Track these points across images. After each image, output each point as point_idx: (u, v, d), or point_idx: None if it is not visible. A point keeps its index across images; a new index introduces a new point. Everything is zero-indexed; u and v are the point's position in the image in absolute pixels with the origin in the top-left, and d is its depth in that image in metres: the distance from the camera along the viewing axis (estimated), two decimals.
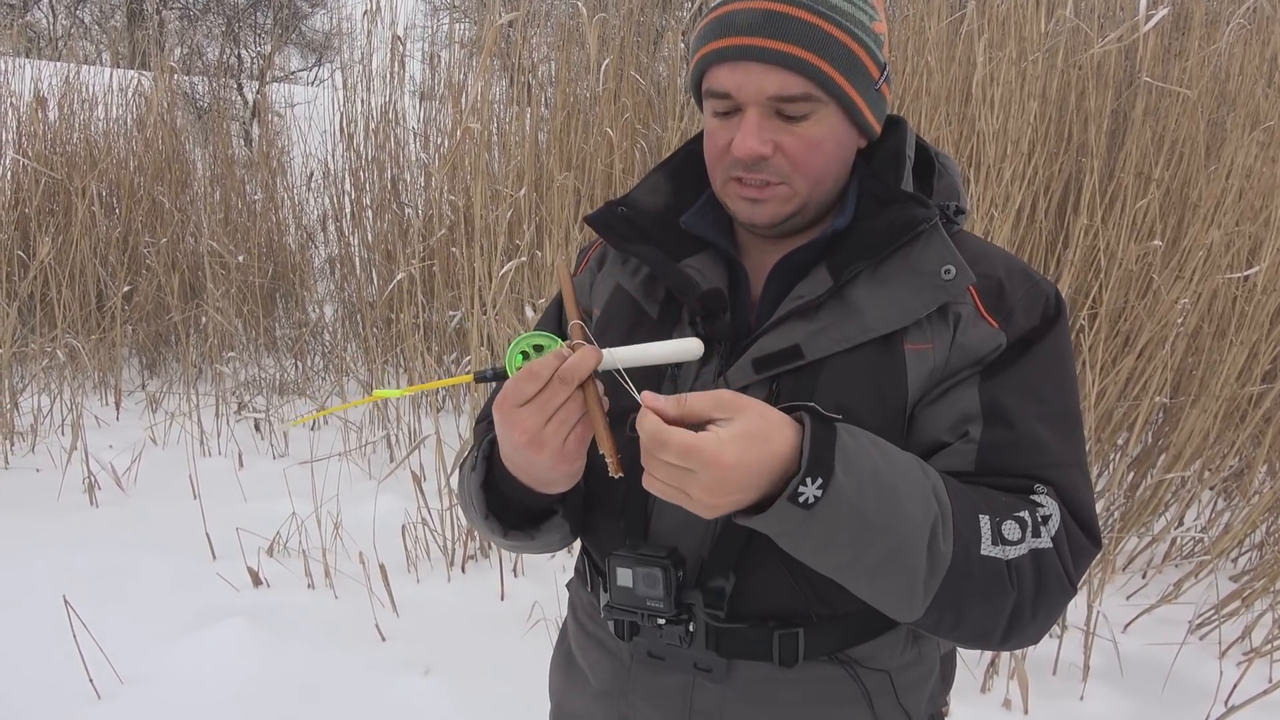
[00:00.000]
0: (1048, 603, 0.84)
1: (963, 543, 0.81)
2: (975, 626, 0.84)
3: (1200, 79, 3.46)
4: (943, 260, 0.90)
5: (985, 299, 0.92)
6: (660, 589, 0.92)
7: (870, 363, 0.90)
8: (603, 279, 1.07)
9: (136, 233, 5.15)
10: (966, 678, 2.58)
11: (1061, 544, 0.85)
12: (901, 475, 0.80)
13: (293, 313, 5.62)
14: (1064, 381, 0.93)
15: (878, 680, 0.96)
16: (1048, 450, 0.88)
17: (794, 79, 0.88)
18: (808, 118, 0.90)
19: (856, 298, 0.92)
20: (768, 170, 0.91)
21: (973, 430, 0.89)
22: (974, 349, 0.91)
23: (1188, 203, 3.48)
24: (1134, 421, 3.13)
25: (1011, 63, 3.19)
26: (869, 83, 0.92)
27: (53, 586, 2.63)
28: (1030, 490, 0.87)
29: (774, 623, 0.94)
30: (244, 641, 2.69)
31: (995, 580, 0.82)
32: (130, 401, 4.82)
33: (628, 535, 0.97)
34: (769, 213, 0.94)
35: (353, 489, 3.62)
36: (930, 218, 0.92)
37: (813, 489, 0.76)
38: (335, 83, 5.66)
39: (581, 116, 4.19)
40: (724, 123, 0.93)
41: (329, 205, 5.72)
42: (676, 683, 0.98)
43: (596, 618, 1.05)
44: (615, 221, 1.02)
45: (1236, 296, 3.14)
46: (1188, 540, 3.25)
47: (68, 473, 3.78)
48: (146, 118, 5.64)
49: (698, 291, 0.96)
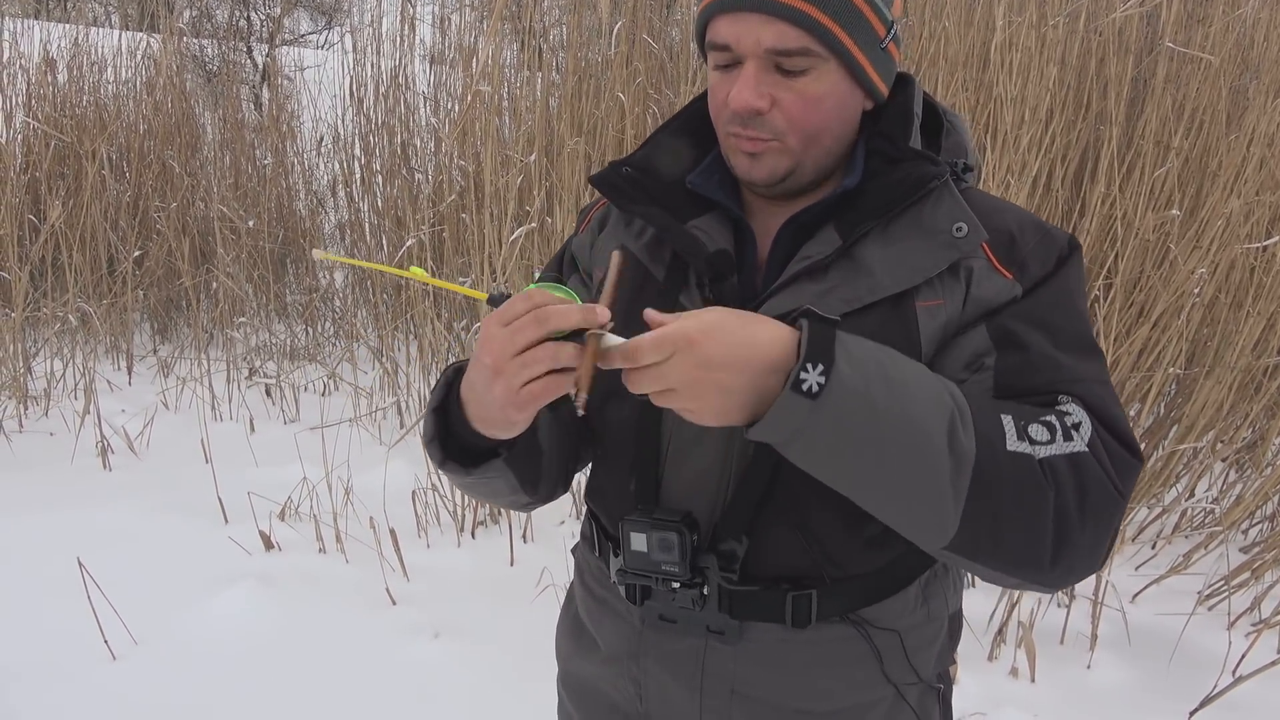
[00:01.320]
0: (1095, 511, 0.80)
1: (986, 438, 0.78)
2: (1019, 538, 0.79)
3: (1224, 45, 3.39)
4: (954, 218, 0.89)
5: (997, 252, 0.91)
6: (675, 553, 0.92)
7: (881, 322, 0.89)
8: (605, 240, 1.05)
9: (147, 197, 5.14)
10: (974, 646, 2.59)
11: (1099, 451, 0.82)
12: (910, 371, 0.79)
13: (303, 278, 5.62)
14: (1073, 311, 0.90)
15: (888, 640, 0.96)
16: (1066, 367, 0.86)
17: (792, 31, 0.86)
18: (807, 73, 0.88)
19: (866, 257, 0.90)
20: (763, 127, 0.90)
21: (988, 360, 0.87)
22: (989, 301, 0.89)
23: (1207, 171, 3.43)
24: (1147, 392, 3.11)
25: (1031, 27, 3.14)
26: (874, 40, 0.90)
27: (67, 549, 2.65)
28: (1055, 403, 0.84)
29: (787, 585, 0.93)
30: (256, 604, 2.71)
31: (1028, 477, 0.78)
32: (142, 366, 4.83)
33: (639, 499, 0.96)
34: (765, 168, 0.92)
35: (363, 454, 3.63)
36: (940, 175, 0.90)
37: (815, 375, 0.73)
38: (345, 46, 5.63)
39: (593, 81, 4.14)
40: (724, 76, 0.91)
41: (339, 170, 5.70)
42: (689, 646, 0.98)
43: (605, 582, 1.05)
44: (620, 182, 1.00)
45: (1254, 267, 3.11)
46: (1199, 511, 3.24)
47: (81, 436, 3.80)
48: (156, 81, 5.61)
49: (705, 253, 0.94)
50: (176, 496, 3.36)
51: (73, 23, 5.83)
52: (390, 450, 3.58)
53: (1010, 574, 0.82)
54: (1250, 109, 3.29)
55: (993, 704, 2.40)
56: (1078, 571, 0.83)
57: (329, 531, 3.07)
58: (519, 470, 0.96)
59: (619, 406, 0.98)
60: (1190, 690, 2.41)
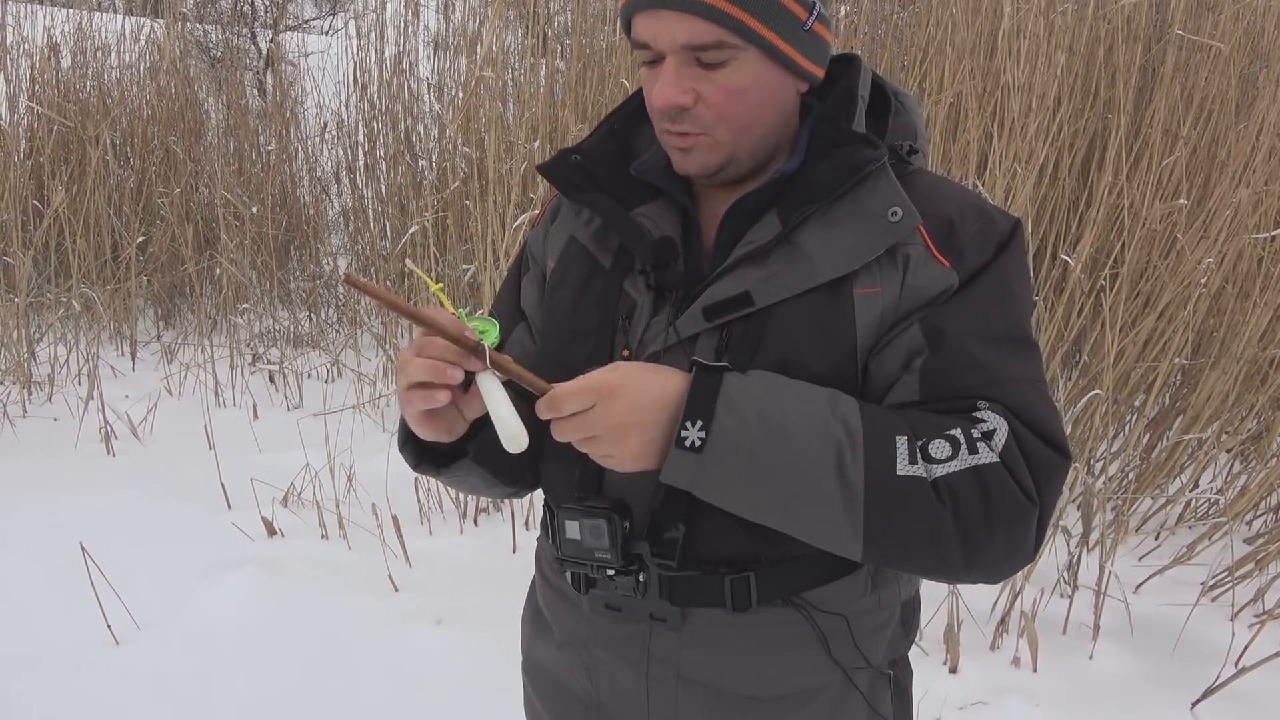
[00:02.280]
0: (1003, 520, 0.82)
1: (874, 466, 0.81)
2: (926, 553, 0.82)
3: (1233, 33, 3.37)
4: (889, 202, 0.89)
5: (936, 239, 0.90)
6: (605, 540, 0.93)
7: (818, 308, 0.90)
8: (556, 230, 1.07)
9: (150, 183, 5.13)
10: (976, 635, 2.59)
11: (1013, 458, 0.83)
12: (795, 411, 0.82)
13: (306, 265, 5.61)
14: (1009, 303, 0.90)
15: (834, 624, 0.96)
16: (990, 368, 0.86)
17: (704, 25, 0.86)
18: (726, 65, 0.88)
19: (805, 242, 0.91)
20: (690, 120, 0.90)
21: (916, 362, 0.88)
22: (925, 289, 0.89)
23: (1215, 161, 3.40)
24: (1152, 383, 3.10)
25: (1039, 14, 3.11)
26: (794, 24, 0.89)
27: (70, 534, 2.66)
28: (972, 409, 0.85)
29: (725, 569, 0.94)
30: (259, 590, 2.72)
31: (919, 499, 0.81)
32: (145, 352, 4.84)
33: (580, 487, 0.98)
34: (697, 162, 0.93)
35: (366, 441, 3.63)
36: (878, 159, 0.90)
37: (695, 431, 0.80)
38: (349, 32, 5.60)
39: (598, 68, 4.12)
40: (651, 71, 0.92)
41: (342, 157, 5.68)
42: (634, 632, 0.99)
43: (557, 570, 1.06)
44: (567, 170, 1.01)
45: (1262, 257, 3.09)
46: (1203, 502, 3.23)
47: (84, 422, 3.81)
48: (159, 65, 5.60)
49: (648, 240, 0.95)
50: (180, 482, 3.36)
51: (76, 7, 5.81)
52: (393, 437, 3.57)
53: (929, 578, 0.88)
54: (1260, 98, 3.26)
55: (995, 693, 2.40)
56: (1001, 572, 0.85)
57: (331, 518, 3.07)
58: (489, 466, 1.01)
59: None
60: (1193, 681, 2.41)
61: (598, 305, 0.92)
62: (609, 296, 0.96)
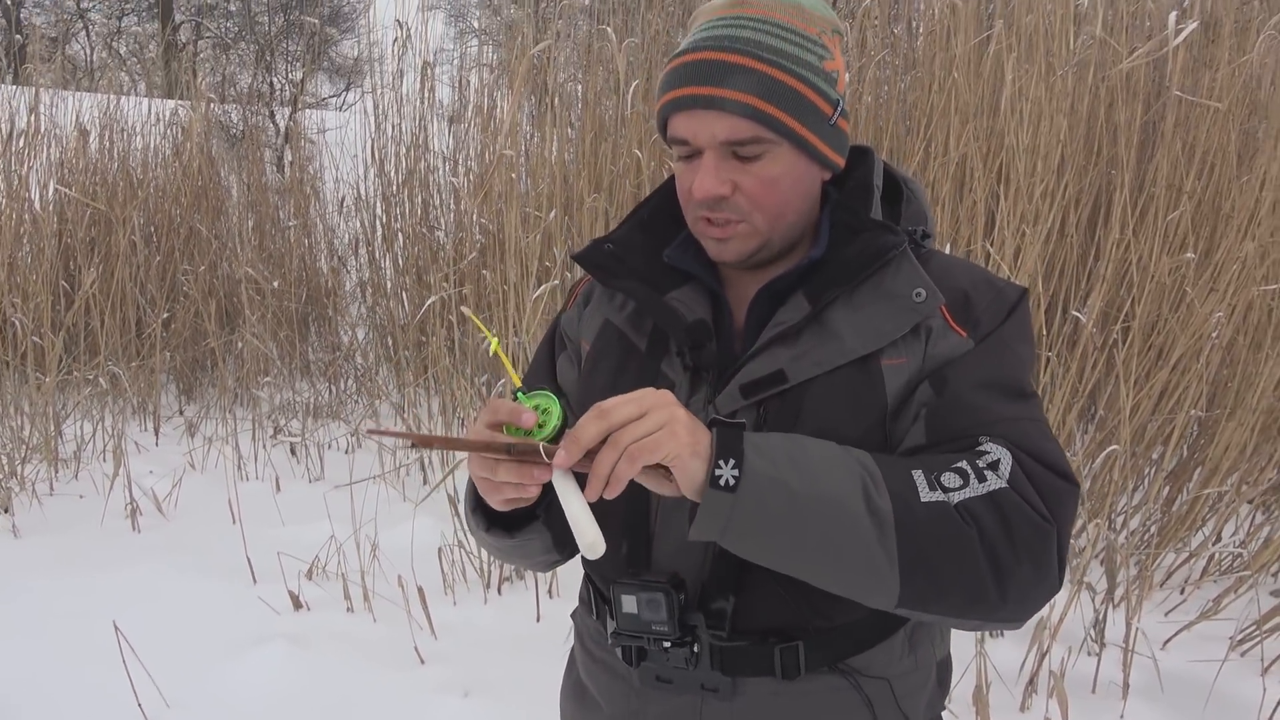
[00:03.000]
0: (1025, 541, 0.85)
1: (899, 494, 0.84)
2: (959, 584, 0.84)
3: (1231, 89, 3.44)
4: (914, 284, 0.96)
5: (953, 311, 0.97)
6: (664, 613, 0.96)
7: (850, 382, 0.95)
8: (590, 314, 1.13)
9: (175, 261, 5.25)
10: (1005, 697, 2.57)
11: (1021, 484, 0.86)
12: (816, 451, 0.85)
13: (326, 336, 5.70)
14: (1009, 358, 0.96)
15: (878, 688, 1.00)
16: (990, 410, 0.92)
17: (743, 123, 0.93)
18: (761, 158, 0.95)
19: (834, 322, 0.96)
20: (729, 209, 0.97)
21: (923, 411, 0.94)
22: (944, 357, 0.96)
23: (1220, 214, 3.45)
24: (1169, 435, 3.11)
25: (1040, 78, 3.19)
26: (822, 120, 0.97)
27: (99, 611, 2.69)
28: (975, 444, 0.90)
29: (774, 638, 0.97)
30: (286, 664, 2.73)
31: (949, 523, 0.83)
32: (168, 427, 4.90)
33: (630, 562, 1.01)
34: (734, 249, 0.99)
35: (389, 511, 3.66)
36: (899, 244, 0.97)
37: (729, 470, 0.81)
38: (365, 107, 5.75)
39: (610, 140, 4.23)
40: (688, 165, 0.98)
41: (360, 229, 5.81)
42: (685, 703, 1.01)
43: (604, 644, 1.08)
44: (602, 259, 1.07)
45: (1272, 308, 3.12)
46: (1226, 555, 3.21)
47: (110, 499, 3.85)
48: (183, 146, 5.76)
49: (683, 324, 1.01)
50: (205, 557, 3.39)
51: (102, 92, 6.00)
52: (417, 507, 3.61)
53: (967, 617, 0.87)
54: (1260, 151, 3.32)
55: None
56: (1031, 600, 0.87)
57: (356, 590, 3.09)
58: (555, 529, 1.03)
59: None
60: None
61: (635, 385, 0.96)
62: (646, 377, 1.01)
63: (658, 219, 1.10)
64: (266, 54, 11.05)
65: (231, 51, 11.48)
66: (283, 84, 8.74)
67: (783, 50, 0.94)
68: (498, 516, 1.02)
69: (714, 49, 0.94)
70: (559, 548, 1.07)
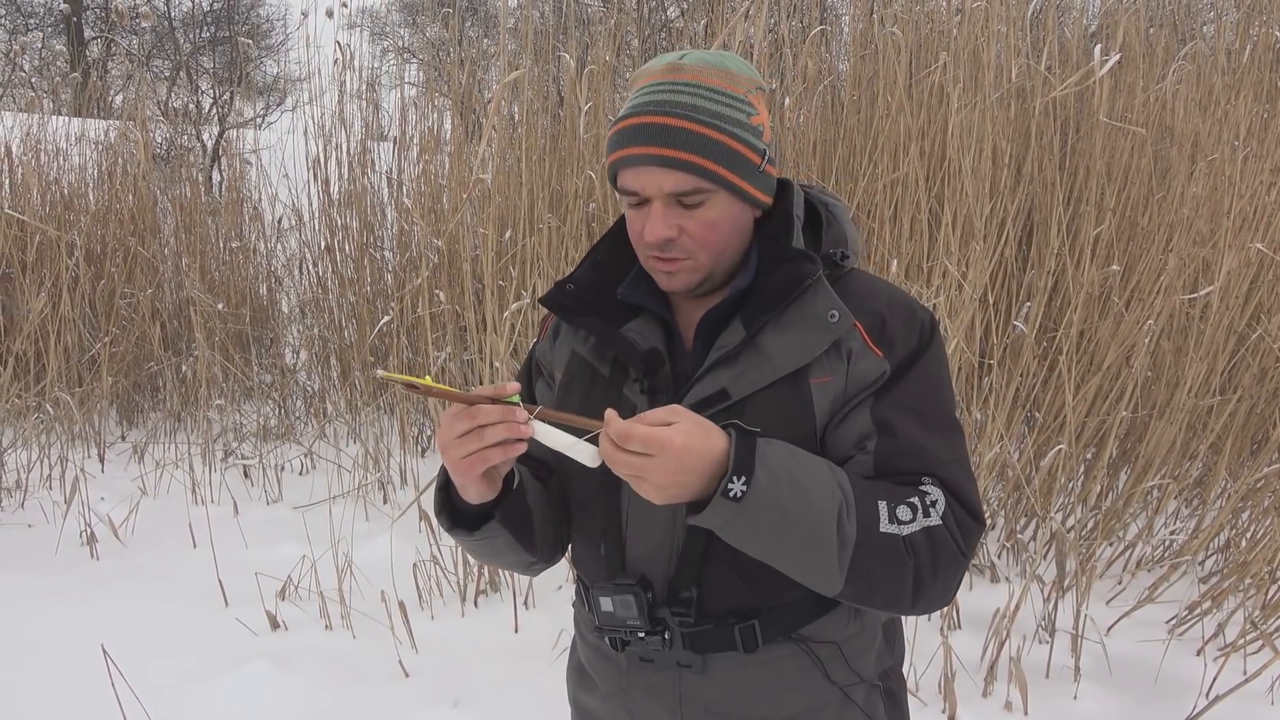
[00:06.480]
0: (945, 568, 1.05)
1: (864, 524, 1.01)
2: (886, 592, 1.03)
3: (1147, 112, 3.71)
4: (829, 306, 1.11)
5: (871, 333, 1.12)
6: (635, 610, 1.14)
7: (783, 397, 1.10)
8: (560, 346, 1.27)
9: (113, 283, 5.14)
10: (968, 684, 2.73)
11: (950, 522, 1.05)
12: (812, 474, 1.01)
13: (267, 359, 5.64)
14: (938, 393, 1.13)
15: (829, 651, 1.17)
16: (928, 453, 1.09)
17: (685, 177, 1.08)
18: (703, 204, 1.11)
19: (766, 344, 1.12)
20: (676, 249, 1.12)
21: (869, 444, 1.09)
22: (864, 377, 1.10)
23: (1136, 228, 3.73)
24: (1104, 436, 3.33)
25: (974, 107, 3.41)
26: (752, 168, 1.12)
27: (74, 639, 2.65)
28: (919, 483, 1.07)
29: (734, 619, 1.14)
30: (271, 684, 2.74)
31: (894, 552, 1.02)
32: (112, 453, 4.80)
33: (607, 564, 1.18)
34: (681, 281, 1.15)
35: (353, 529, 3.67)
36: (814, 273, 1.12)
37: (739, 485, 0.97)
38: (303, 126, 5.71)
39: (573, 164, 4.32)
40: (638, 212, 1.14)
41: (297, 248, 5.77)
42: (666, 678, 1.19)
43: (596, 633, 1.25)
44: (564, 299, 1.22)
45: (1192, 316, 3.38)
46: (1159, 545, 3.45)
47: (64, 528, 3.77)
48: (115, 167, 5.66)
49: (639, 353, 1.16)
50: (171, 583, 3.36)
51: (25, 110, 5.85)
52: (391, 524, 3.63)
53: (882, 610, 1.09)
54: (1172, 171, 3.60)
55: None
56: (934, 606, 1.08)
57: (335, 607, 3.11)
58: (513, 528, 1.16)
59: (582, 487, 1.22)
60: (1172, 714, 2.58)
61: (602, 408, 1.06)
62: (609, 401, 1.13)
63: (610, 259, 1.25)
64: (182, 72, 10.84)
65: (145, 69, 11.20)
66: (212, 102, 8.59)
67: (715, 111, 1.09)
68: (460, 517, 1.15)
69: (656, 113, 1.09)
70: (525, 545, 1.19)
